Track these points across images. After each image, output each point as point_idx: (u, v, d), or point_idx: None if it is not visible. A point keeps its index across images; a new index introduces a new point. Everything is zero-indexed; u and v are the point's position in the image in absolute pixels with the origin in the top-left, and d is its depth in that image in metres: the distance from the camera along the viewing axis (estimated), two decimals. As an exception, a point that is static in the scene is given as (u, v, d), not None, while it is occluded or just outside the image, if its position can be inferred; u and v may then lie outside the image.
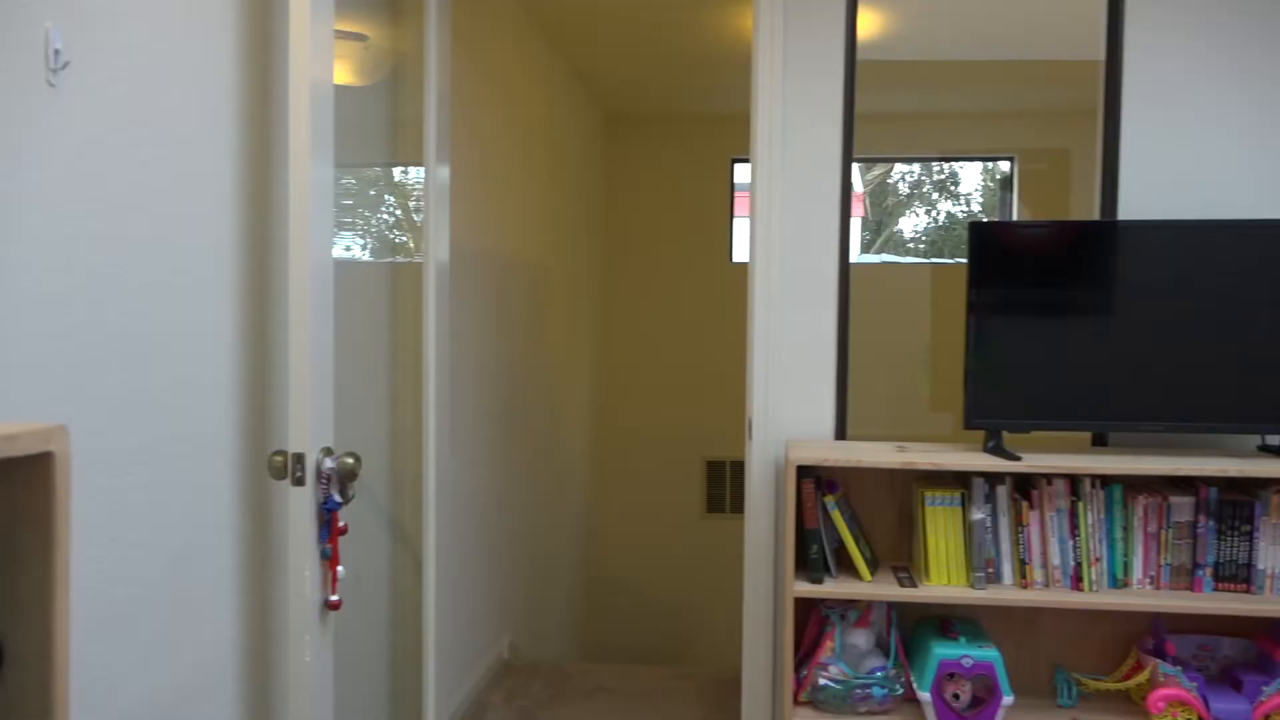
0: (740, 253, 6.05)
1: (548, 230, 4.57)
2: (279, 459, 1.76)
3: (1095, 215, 2.60)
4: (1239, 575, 2.35)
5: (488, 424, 3.57)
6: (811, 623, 2.52)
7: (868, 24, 2.65)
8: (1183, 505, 2.37)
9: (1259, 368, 2.33)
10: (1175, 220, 2.36)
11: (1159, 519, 2.37)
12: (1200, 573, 2.36)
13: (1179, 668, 2.33)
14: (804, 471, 2.42)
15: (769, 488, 2.69)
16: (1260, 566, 2.34)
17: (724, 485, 6.04)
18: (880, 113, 2.69)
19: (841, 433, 2.68)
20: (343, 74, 2.36)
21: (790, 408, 2.69)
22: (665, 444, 6.12)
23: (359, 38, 2.47)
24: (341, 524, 1.83)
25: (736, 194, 6.05)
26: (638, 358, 6.12)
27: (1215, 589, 2.36)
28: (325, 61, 1.77)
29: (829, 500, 2.42)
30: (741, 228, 6.05)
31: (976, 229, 2.40)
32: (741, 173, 6.04)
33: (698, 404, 6.09)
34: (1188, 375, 2.35)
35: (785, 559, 2.40)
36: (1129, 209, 2.58)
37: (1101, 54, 2.59)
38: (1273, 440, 2.49)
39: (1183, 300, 2.35)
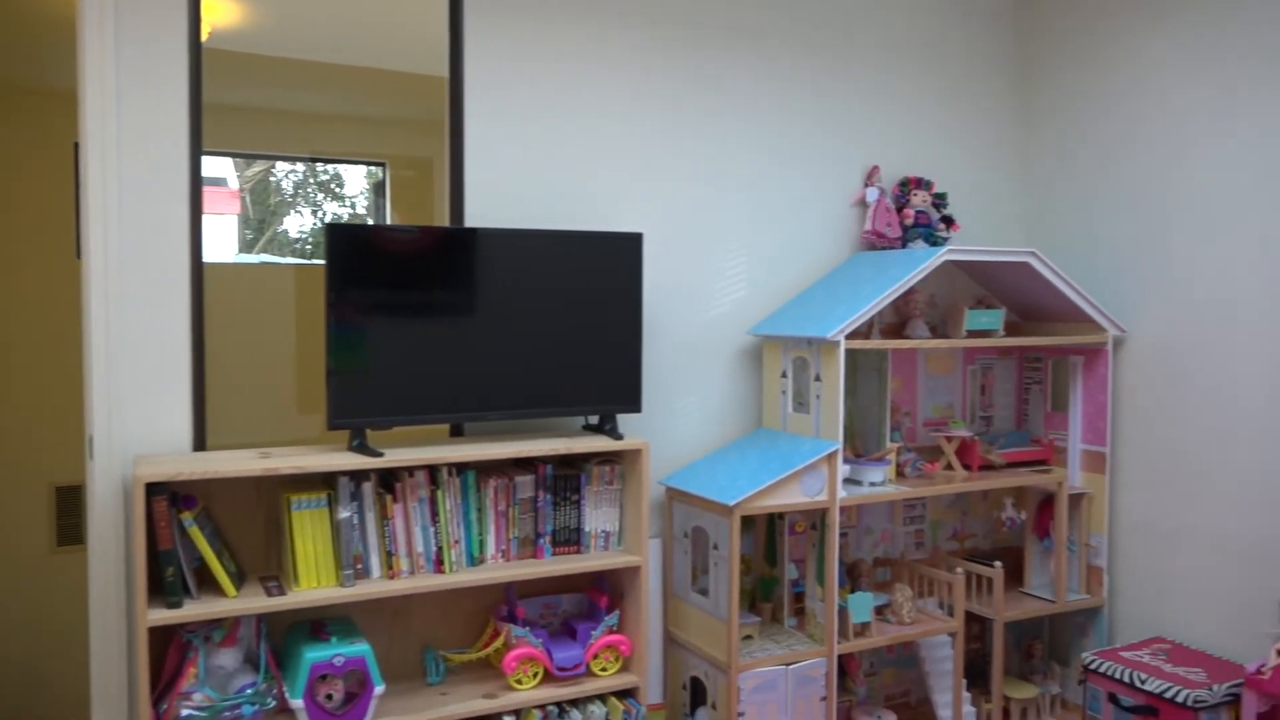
0: (90, 248, 5.35)
1: None
2: None
3: (448, 221, 2.79)
4: (571, 539, 2.71)
5: None
6: (172, 651, 2.33)
7: (221, 12, 2.52)
8: (526, 483, 2.66)
9: (581, 359, 2.70)
10: (515, 229, 2.63)
11: (507, 498, 2.63)
12: (542, 541, 2.67)
13: (527, 628, 2.61)
14: (156, 489, 2.22)
15: (118, 510, 2.42)
16: (586, 529, 2.72)
17: (80, 513, 5.31)
18: (254, 107, 2.57)
19: (201, 443, 2.51)
20: None
21: (140, 420, 2.45)
22: (2, 469, 5.18)
23: None
24: None
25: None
26: (-44, 371, 5.08)
27: (554, 553, 2.69)
28: None
29: (186, 517, 2.25)
30: (90, 219, 5.35)
31: (334, 231, 2.41)
32: (87, 157, 5.34)
33: (42, 422, 5.26)
34: (530, 368, 2.64)
35: (137, 587, 2.18)
36: (475, 216, 2.81)
37: (446, 71, 2.79)
38: (593, 420, 2.91)
39: (524, 301, 2.63)
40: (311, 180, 2.71)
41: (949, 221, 3.36)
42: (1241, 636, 2.98)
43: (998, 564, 3.12)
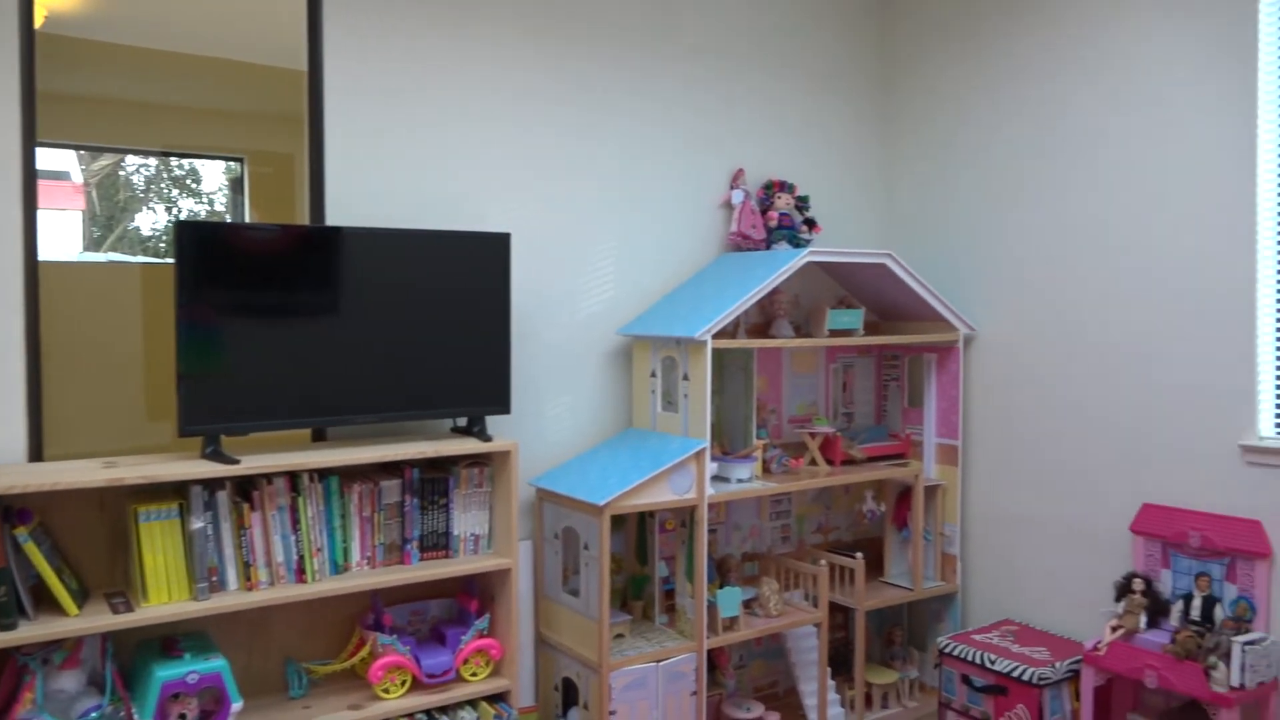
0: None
1: None
2: None
3: (308, 220, 2.71)
4: (439, 543, 2.67)
5: None
6: (6, 675, 2.18)
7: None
8: (392, 488, 2.60)
9: (449, 360, 2.66)
10: (378, 229, 2.57)
11: (372, 503, 2.57)
12: (409, 546, 2.62)
13: (394, 636, 2.56)
14: (-14, 503, 2.08)
15: (-58, 527, 2.25)
16: (455, 532, 2.69)
17: (-98, 529, 4.91)
18: (99, 98, 2.43)
19: (38, 453, 2.36)
20: None
21: (-32, 430, 2.29)
22: None
23: None
24: None
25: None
26: None
27: (422, 559, 2.64)
28: None
29: (20, 532, 2.11)
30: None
31: (185, 229, 2.31)
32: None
33: None
34: (396, 370, 2.59)
35: (-35, 609, 2.03)
36: (337, 214, 2.73)
37: (305, 65, 2.70)
38: (461, 422, 2.88)
39: (388, 302, 2.57)
40: (165, 175, 2.59)
41: (811, 224, 3.46)
42: (1082, 616, 3.18)
43: (859, 555, 3.24)
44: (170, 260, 2.54)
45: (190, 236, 2.31)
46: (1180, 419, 2.91)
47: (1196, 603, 2.78)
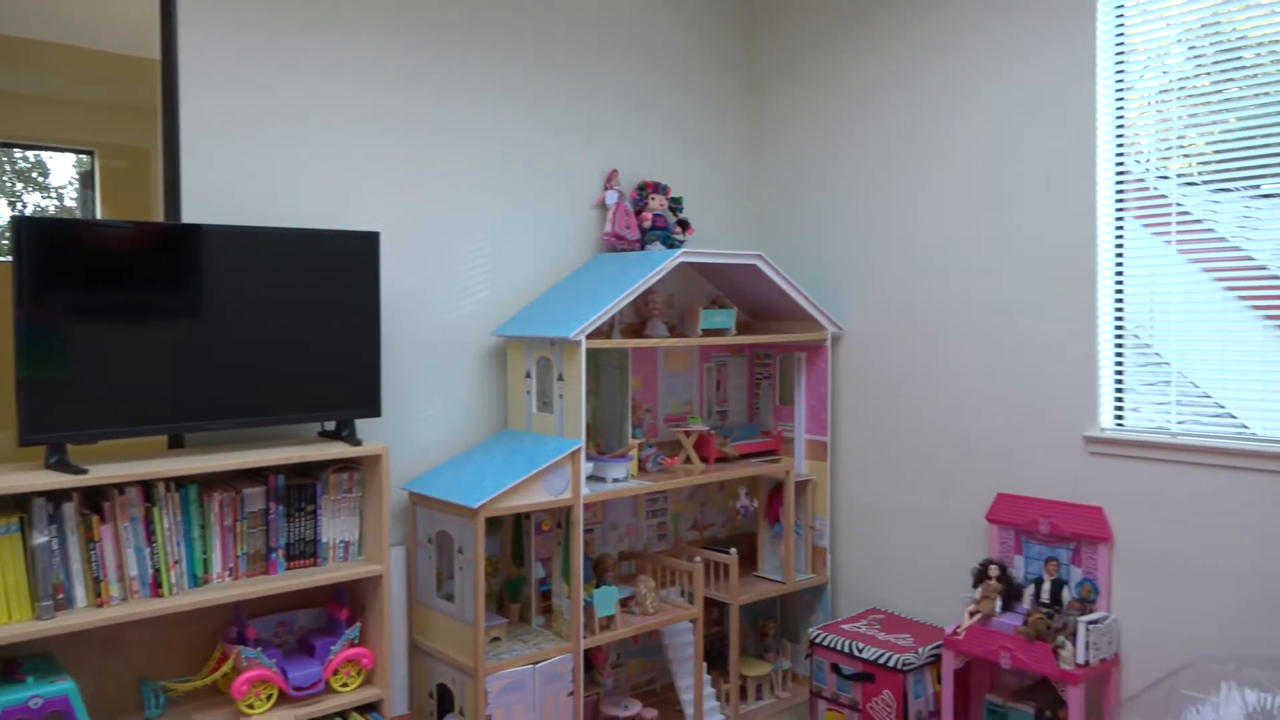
0: None
1: None
2: None
3: (162, 216, 2.58)
4: (307, 551, 2.59)
5: None
6: None
7: None
8: (255, 495, 2.51)
9: (316, 363, 2.58)
10: (238, 226, 2.47)
11: (234, 512, 2.47)
12: (274, 555, 2.53)
13: (259, 649, 2.46)
14: None
15: None
16: (324, 540, 2.61)
17: None
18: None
19: None
20: None
21: None
22: None
23: None
24: None
25: None
26: None
27: (288, 568, 2.55)
28: None
29: None
30: None
31: (23, 225, 2.17)
32: None
33: None
34: (260, 373, 2.49)
35: None
36: (195, 211, 2.62)
37: (158, 53, 2.57)
38: (329, 426, 2.80)
39: (250, 302, 2.47)
40: (8, 168, 2.43)
41: (685, 225, 3.51)
42: (943, 603, 3.32)
43: (733, 551, 3.29)
44: (7, 258, 2.39)
45: (30, 233, 2.18)
46: (1030, 412, 3.07)
47: (1046, 586, 2.94)
